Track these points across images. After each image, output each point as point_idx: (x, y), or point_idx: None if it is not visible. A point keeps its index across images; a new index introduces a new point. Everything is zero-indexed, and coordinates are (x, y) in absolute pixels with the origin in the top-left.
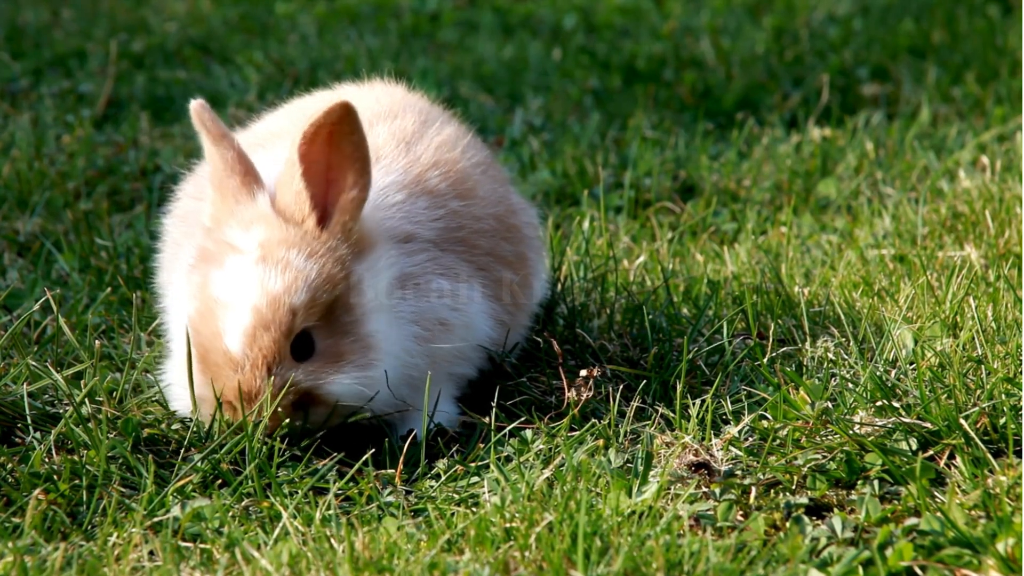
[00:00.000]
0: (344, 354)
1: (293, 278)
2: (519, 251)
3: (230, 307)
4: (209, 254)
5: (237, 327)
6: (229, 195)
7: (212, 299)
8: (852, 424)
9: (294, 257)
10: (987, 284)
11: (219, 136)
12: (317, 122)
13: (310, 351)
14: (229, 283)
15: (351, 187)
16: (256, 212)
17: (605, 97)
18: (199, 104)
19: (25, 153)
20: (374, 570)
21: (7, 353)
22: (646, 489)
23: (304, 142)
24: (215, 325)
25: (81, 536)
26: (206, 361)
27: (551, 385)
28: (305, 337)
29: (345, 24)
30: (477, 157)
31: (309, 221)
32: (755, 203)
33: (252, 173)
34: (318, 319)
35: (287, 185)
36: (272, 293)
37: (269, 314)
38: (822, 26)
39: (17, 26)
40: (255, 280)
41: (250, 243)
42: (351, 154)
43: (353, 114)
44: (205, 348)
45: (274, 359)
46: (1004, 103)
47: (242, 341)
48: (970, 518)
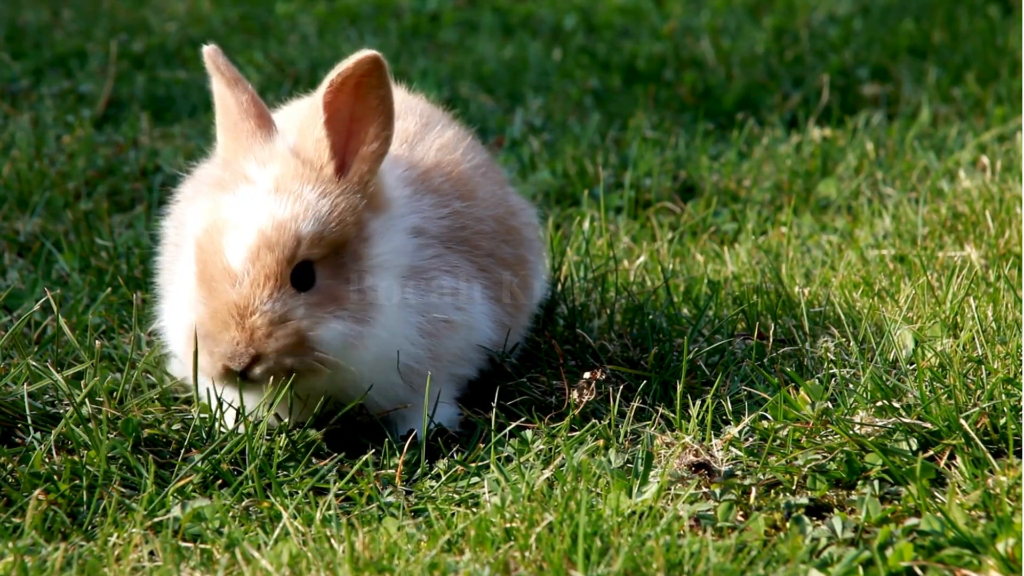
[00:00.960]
0: (342, 299)
1: (304, 208)
2: (519, 253)
3: (237, 227)
4: (222, 182)
5: (241, 245)
6: (243, 137)
7: (221, 219)
8: (852, 424)
9: (307, 192)
10: (987, 284)
11: (233, 79)
12: (345, 72)
13: (310, 283)
14: (239, 207)
15: (373, 139)
16: (273, 151)
17: (605, 97)
18: (212, 48)
19: (25, 153)
20: (374, 570)
21: (7, 353)
22: (646, 489)
23: (330, 90)
24: (219, 241)
25: (81, 536)
26: (205, 277)
27: (551, 385)
28: (307, 267)
29: (345, 24)
30: (477, 159)
31: (328, 168)
32: (755, 203)
33: (266, 116)
34: (323, 255)
35: (308, 131)
36: (279, 218)
37: (274, 236)
38: (822, 26)
39: (17, 26)
40: (265, 206)
41: (265, 177)
42: (376, 106)
43: (382, 67)
44: (206, 264)
45: (275, 281)
46: (1004, 103)
47: (244, 257)
48: (970, 518)
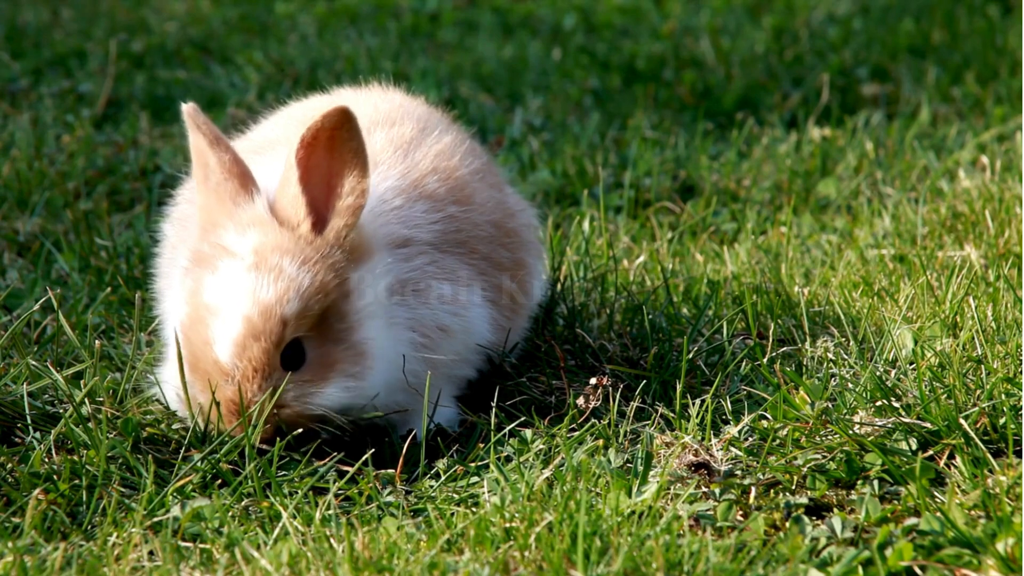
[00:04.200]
0: (335, 363)
1: (285, 287)
2: (517, 257)
3: (220, 315)
4: (203, 257)
5: (227, 337)
6: (227, 198)
7: (203, 305)
8: (852, 424)
9: (287, 264)
10: (987, 284)
11: (215, 139)
12: (315, 127)
13: (301, 360)
14: (221, 290)
15: (349, 193)
16: (253, 215)
17: (605, 97)
18: (192, 107)
19: (25, 153)
20: (374, 570)
21: (7, 353)
22: (646, 489)
23: (302, 147)
24: (205, 333)
25: (81, 536)
26: (196, 369)
27: (551, 385)
28: (296, 346)
29: (345, 24)
30: (475, 164)
31: (304, 225)
32: (755, 203)
33: (248, 176)
34: (309, 328)
35: (284, 189)
36: (263, 302)
37: (260, 323)
38: (822, 26)
39: (17, 26)
40: (247, 288)
41: (244, 247)
42: (350, 160)
43: (352, 119)
44: (196, 356)
45: (264, 370)
46: (1004, 103)
47: (232, 352)
48: (970, 518)
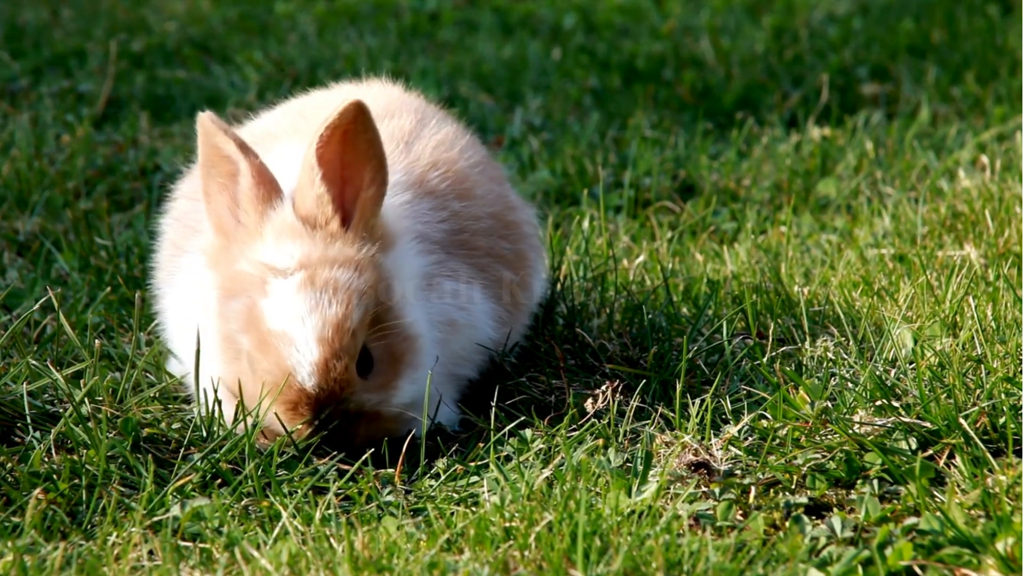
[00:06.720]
0: (398, 361)
1: (346, 298)
2: (518, 249)
3: (294, 342)
4: (246, 279)
5: (307, 362)
6: (255, 204)
7: (269, 333)
8: (852, 424)
9: (338, 273)
10: (987, 284)
11: (243, 145)
12: (332, 123)
13: (370, 364)
14: (282, 314)
15: (368, 185)
16: (283, 223)
17: (605, 97)
18: (210, 115)
19: (25, 153)
20: (374, 570)
21: (7, 352)
22: (646, 489)
23: (320, 144)
24: (283, 362)
25: (81, 535)
26: (279, 398)
27: (550, 385)
28: (365, 354)
29: (345, 24)
30: (475, 157)
31: (333, 223)
32: (755, 203)
33: (275, 182)
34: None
35: (307, 189)
36: (333, 320)
37: (337, 342)
38: (822, 26)
39: (17, 26)
40: (310, 308)
41: (287, 261)
42: (366, 152)
43: (366, 112)
44: (275, 385)
45: (350, 387)
46: (1004, 103)
47: (317, 376)
48: (970, 517)
